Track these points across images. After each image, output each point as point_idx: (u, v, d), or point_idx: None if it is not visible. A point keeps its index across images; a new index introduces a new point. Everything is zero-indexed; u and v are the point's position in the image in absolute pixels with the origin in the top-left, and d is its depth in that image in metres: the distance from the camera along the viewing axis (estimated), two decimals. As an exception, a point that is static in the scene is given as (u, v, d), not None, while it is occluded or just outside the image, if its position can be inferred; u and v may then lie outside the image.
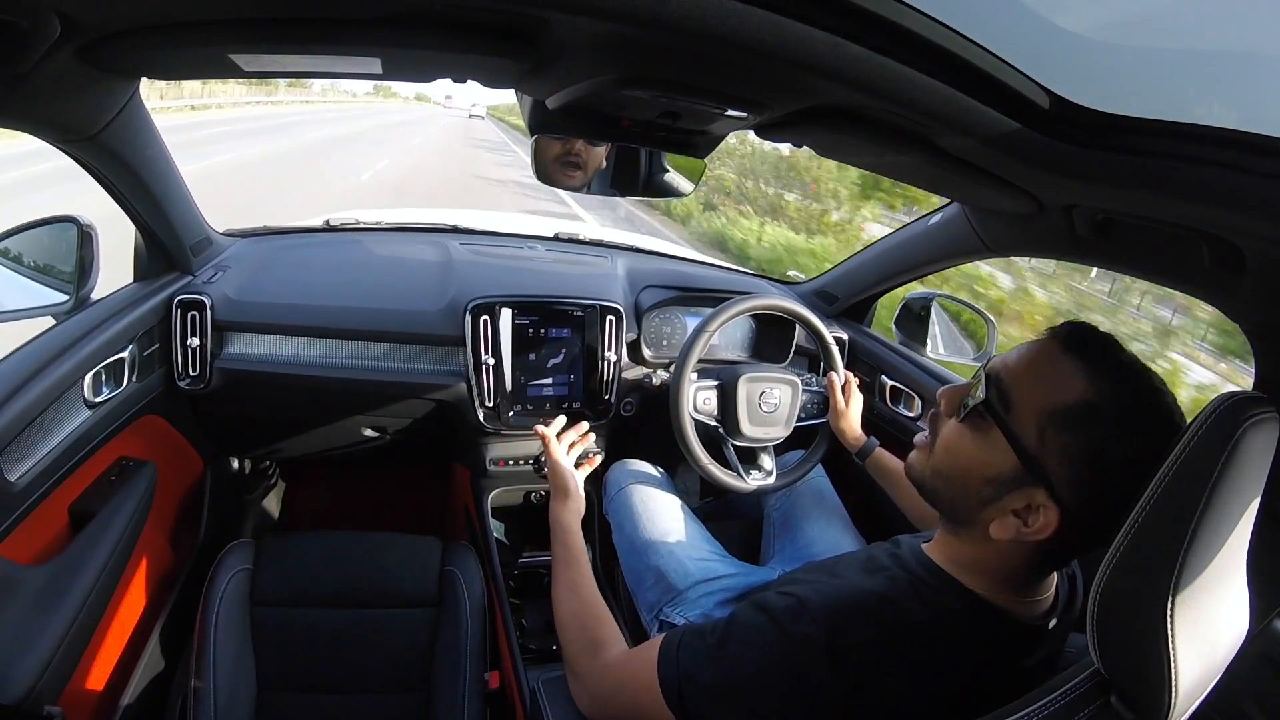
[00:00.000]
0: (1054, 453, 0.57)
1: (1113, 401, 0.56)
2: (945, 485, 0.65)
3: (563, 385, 1.36)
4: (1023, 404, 0.59)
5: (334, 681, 1.11)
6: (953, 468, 0.64)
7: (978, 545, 0.63)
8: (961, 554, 0.65)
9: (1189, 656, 0.47)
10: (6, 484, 0.83)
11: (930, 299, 1.48)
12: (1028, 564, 0.62)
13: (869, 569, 0.71)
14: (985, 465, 0.60)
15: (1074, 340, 0.60)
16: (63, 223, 1.04)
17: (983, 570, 0.64)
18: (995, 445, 0.60)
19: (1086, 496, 0.56)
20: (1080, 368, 0.57)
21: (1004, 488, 0.59)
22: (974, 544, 0.64)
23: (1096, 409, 0.56)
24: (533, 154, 0.91)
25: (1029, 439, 0.58)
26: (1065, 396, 0.57)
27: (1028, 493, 0.58)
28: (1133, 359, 0.59)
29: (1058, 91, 0.59)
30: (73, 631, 0.91)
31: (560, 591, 0.88)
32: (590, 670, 0.78)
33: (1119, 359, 0.58)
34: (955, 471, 0.63)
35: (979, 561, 0.64)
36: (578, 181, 0.97)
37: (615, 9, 0.47)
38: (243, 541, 1.20)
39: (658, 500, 1.18)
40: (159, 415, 1.21)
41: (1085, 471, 0.56)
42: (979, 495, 0.61)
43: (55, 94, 0.72)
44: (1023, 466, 0.58)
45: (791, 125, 0.73)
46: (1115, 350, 0.59)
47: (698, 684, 0.65)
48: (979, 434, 0.61)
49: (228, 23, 0.58)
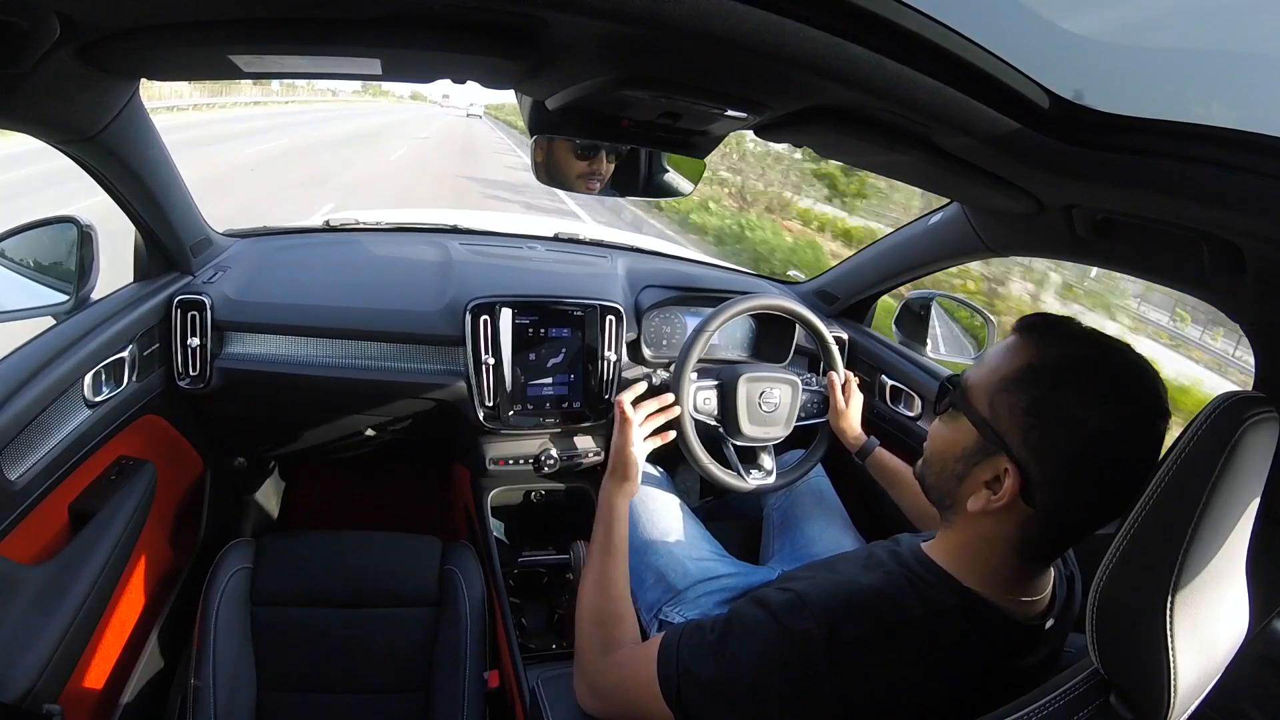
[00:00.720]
0: (1004, 417, 0.61)
1: (1053, 359, 0.60)
2: (929, 472, 0.70)
3: (563, 385, 1.36)
4: (977, 384, 0.64)
5: (334, 681, 1.11)
6: (932, 453, 0.70)
7: (965, 529, 0.65)
8: (956, 547, 0.66)
9: (1188, 656, 0.47)
10: (6, 483, 0.83)
11: (930, 299, 1.48)
12: (1013, 549, 0.62)
13: (868, 566, 0.71)
14: (954, 444, 0.65)
15: (1027, 324, 0.64)
16: (63, 223, 1.04)
17: (976, 565, 0.64)
18: (960, 425, 0.65)
19: (1039, 450, 0.59)
20: (1028, 341, 0.62)
21: (971, 460, 0.63)
22: (962, 531, 0.66)
23: (1037, 368, 0.60)
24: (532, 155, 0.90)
25: (982, 410, 0.63)
26: (1012, 365, 0.62)
27: (993, 463, 0.61)
28: (1084, 328, 0.62)
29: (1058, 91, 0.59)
30: (72, 630, 0.91)
31: (589, 581, 0.86)
32: (596, 665, 0.79)
33: (1067, 328, 0.62)
34: (934, 456, 0.69)
35: (970, 552, 0.65)
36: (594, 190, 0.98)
37: (615, 9, 0.47)
38: (242, 541, 1.20)
39: (658, 500, 1.18)
40: (159, 415, 1.21)
41: (1033, 423, 0.59)
42: (953, 472, 0.65)
43: (55, 94, 0.72)
44: (981, 437, 0.62)
45: (791, 125, 0.73)
46: (1067, 323, 0.63)
47: (697, 680, 0.66)
48: (950, 421, 0.67)
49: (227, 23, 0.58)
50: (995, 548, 0.63)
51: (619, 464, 0.96)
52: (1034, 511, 0.60)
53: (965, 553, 0.65)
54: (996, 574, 0.64)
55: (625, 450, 0.97)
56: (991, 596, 0.63)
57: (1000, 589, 0.64)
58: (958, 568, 0.65)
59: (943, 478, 0.67)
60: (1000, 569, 0.63)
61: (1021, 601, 0.64)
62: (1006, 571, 0.63)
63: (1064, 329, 0.62)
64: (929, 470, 0.70)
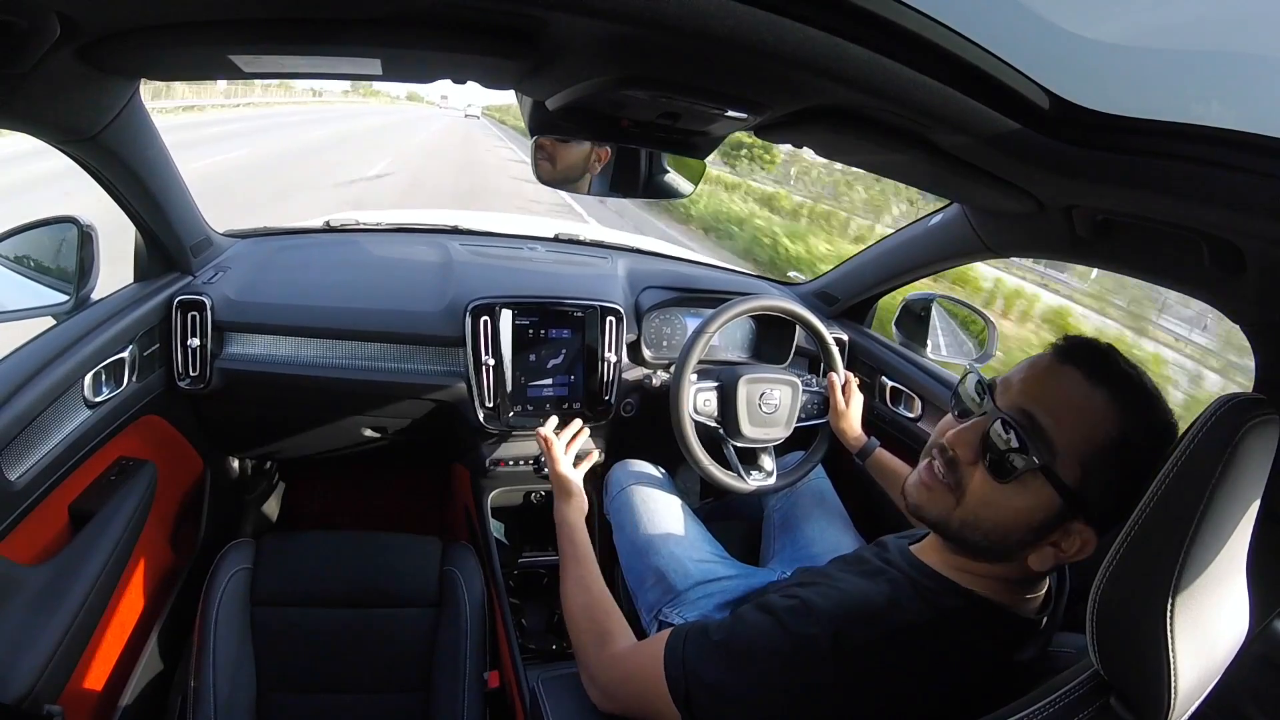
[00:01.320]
0: (1096, 488, 0.57)
1: (1142, 432, 0.57)
2: (981, 536, 0.62)
3: (563, 386, 1.36)
4: (1065, 446, 0.58)
5: (334, 681, 1.11)
6: (993, 521, 0.61)
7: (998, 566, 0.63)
8: (968, 565, 0.65)
9: (1189, 657, 0.47)
10: (6, 483, 0.83)
11: (930, 299, 1.48)
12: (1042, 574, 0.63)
13: (866, 571, 0.71)
14: (1030, 514, 0.59)
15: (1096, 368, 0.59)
16: (63, 223, 1.04)
17: (988, 576, 0.64)
18: (1038, 492, 0.58)
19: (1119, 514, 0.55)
20: (1111, 400, 0.57)
21: (1045, 529, 0.59)
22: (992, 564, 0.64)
23: (1131, 443, 0.57)
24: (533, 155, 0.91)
25: (1072, 479, 0.57)
26: (1103, 433, 0.57)
27: (1070, 528, 0.59)
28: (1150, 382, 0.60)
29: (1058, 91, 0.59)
30: (72, 631, 0.91)
31: (569, 587, 0.89)
32: (599, 661, 0.79)
33: (1141, 385, 0.59)
34: (995, 524, 0.61)
35: (989, 572, 0.64)
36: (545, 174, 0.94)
37: (615, 9, 0.47)
38: (242, 541, 1.20)
39: (658, 501, 1.18)
40: (159, 415, 1.21)
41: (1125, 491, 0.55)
42: (1020, 541, 0.60)
43: (55, 94, 0.72)
44: (1063, 504, 0.58)
45: (791, 126, 0.73)
46: (1136, 375, 0.60)
47: (703, 682, 0.66)
48: (1019, 483, 0.59)
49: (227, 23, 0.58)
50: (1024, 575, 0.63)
51: (559, 487, 1.04)
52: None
53: (979, 571, 0.65)
54: (1002, 580, 0.64)
55: (556, 474, 1.05)
56: (995, 596, 0.63)
57: (1001, 591, 0.64)
58: (960, 575, 0.65)
59: (1004, 543, 0.61)
60: (1012, 577, 0.64)
61: (1023, 598, 0.64)
62: (1015, 577, 0.64)
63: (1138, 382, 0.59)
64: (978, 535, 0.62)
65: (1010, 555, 0.61)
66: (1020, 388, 0.61)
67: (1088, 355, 0.60)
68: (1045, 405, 0.59)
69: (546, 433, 1.11)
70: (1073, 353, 0.61)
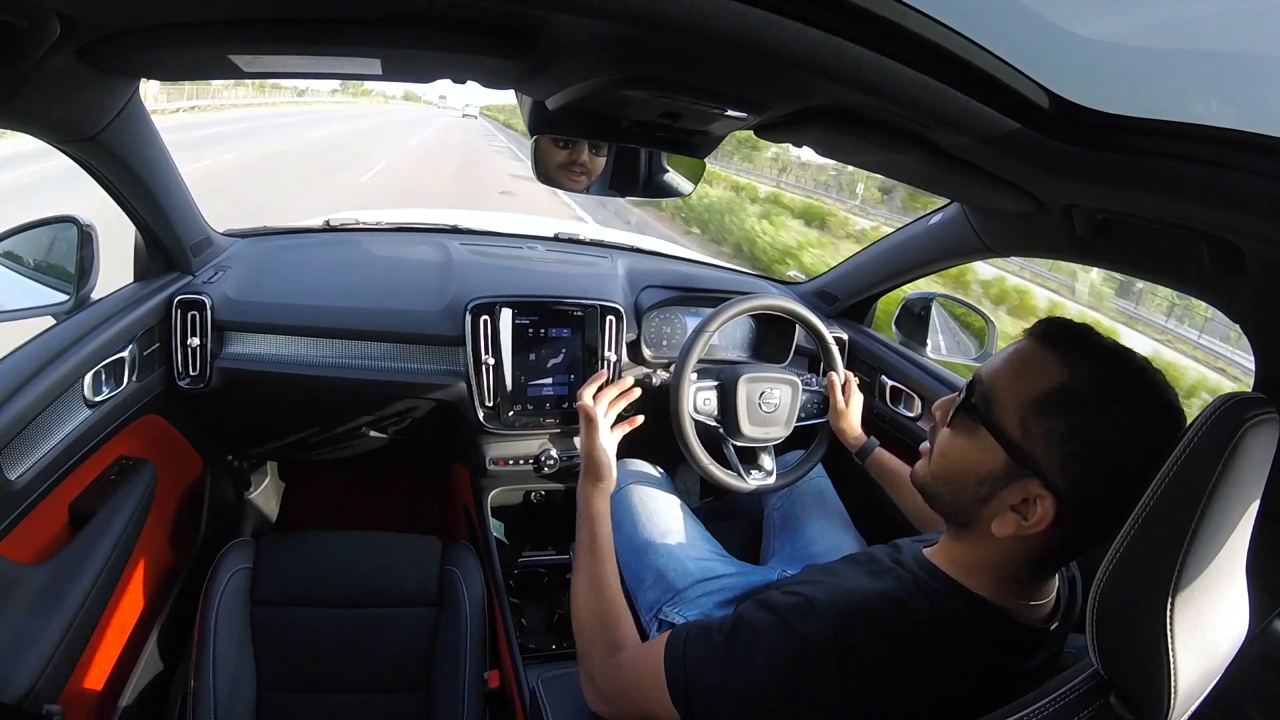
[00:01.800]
0: (1039, 440, 0.58)
1: (1089, 382, 0.57)
2: (944, 489, 0.66)
3: (563, 385, 1.36)
4: (1004, 400, 0.60)
5: (334, 681, 1.11)
6: (949, 471, 0.65)
7: (982, 546, 0.63)
8: (965, 557, 0.65)
9: (1189, 657, 0.47)
10: (6, 483, 0.83)
11: (930, 299, 1.48)
12: (1031, 562, 0.62)
13: (873, 570, 0.71)
14: (977, 464, 0.62)
15: (1049, 333, 0.61)
16: (63, 223, 1.04)
17: (986, 572, 0.64)
18: (984, 444, 0.61)
19: (1077, 478, 0.57)
20: (1056, 357, 0.59)
21: (998, 484, 0.60)
22: (978, 545, 0.64)
23: (1073, 390, 0.57)
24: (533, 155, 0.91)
25: (1013, 431, 0.59)
26: (1042, 384, 0.58)
27: (1022, 486, 0.59)
28: (1110, 343, 0.60)
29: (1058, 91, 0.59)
30: (72, 630, 0.91)
31: (581, 586, 0.85)
32: (602, 669, 0.78)
33: (1095, 343, 0.60)
34: (951, 475, 0.65)
35: (983, 563, 0.64)
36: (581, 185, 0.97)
37: (615, 9, 0.47)
38: (242, 541, 1.20)
39: (658, 500, 1.18)
40: (159, 415, 1.21)
41: (1072, 452, 0.56)
42: (975, 494, 0.62)
43: (55, 94, 0.72)
44: (1011, 460, 0.59)
45: (791, 125, 0.73)
46: (1091, 336, 0.61)
47: (705, 683, 0.65)
48: (968, 436, 0.63)
49: (227, 23, 0.58)
50: (1010, 560, 0.62)
51: (591, 465, 0.95)
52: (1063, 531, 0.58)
53: (975, 564, 0.65)
54: (1005, 582, 0.63)
55: (595, 449, 0.96)
56: (998, 601, 0.63)
57: (1007, 595, 0.63)
58: (965, 575, 0.65)
59: (962, 498, 0.63)
60: (1012, 576, 0.63)
61: (1028, 605, 0.64)
62: (1015, 580, 0.63)
63: (1089, 343, 0.60)
64: (942, 487, 0.66)
65: (972, 513, 0.63)
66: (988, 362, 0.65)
67: (1048, 325, 0.63)
68: (995, 366, 0.63)
69: (583, 398, 0.99)
70: (1036, 327, 0.63)
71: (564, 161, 0.94)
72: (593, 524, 0.90)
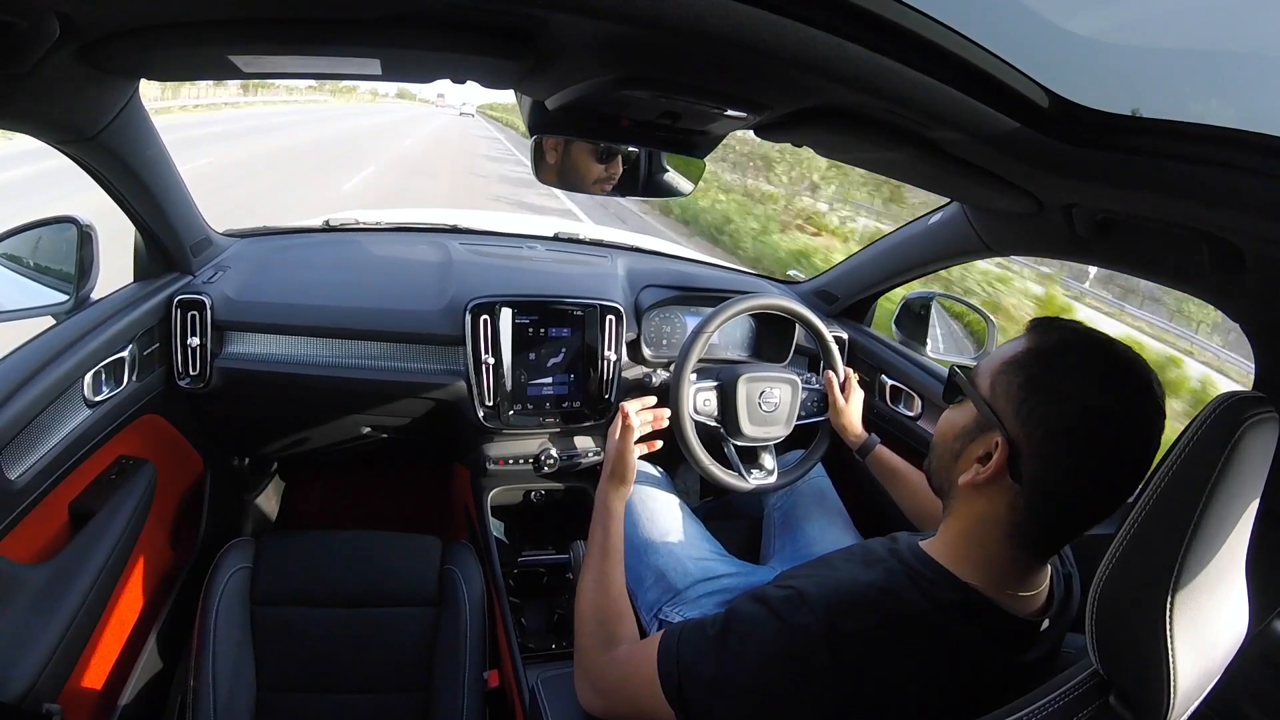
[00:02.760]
0: (1002, 394, 0.63)
1: (1052, 343, 0.63)
2: (934, 457, 0.72)
3: (563, 385, 1.36)
4: (984, 369, 0.67)
5: (334, 681, 1.11)
6: (938, 438, 0.72)
7: (960, 516, 0.66)
8: (953, 537, 0.67)
9: (1188, 657, 0.47)
10: (6, 483, 0.83)
11: (930, 298, 1.49)
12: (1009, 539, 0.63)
13: (867, 562, 0.71)
14: (954, 425, 0.69)
15: (1037, 319, 0.67)
16: (63, 223, 1.04)
17: (973, 556, 0.64)
18: (964, 409, 0.68)
19: (1027, 423, 0.60)
20: (1034, 331, 0.65)
21: (968, 438, 0.66)
22: (958, 516, 0.67)
23: (1038, 350, 0.63)
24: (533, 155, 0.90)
25: (983, 389, 0.65)
26: (1014, 349, 0.65)
27: (986, 439, 0.64)
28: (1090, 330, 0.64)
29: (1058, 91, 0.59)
30: (72, 630, 0.91)
31: (588, 581, 0.87)
32: (598, 664, 0.79)
33: (1073, 324, 0.64)
34: (939, 439, 0.72)
35: (966, 540, 0.65)
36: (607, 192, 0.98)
37: (615, 9, 0.47)
38: (242, 540, 1.20)
39: (658, 500, 1.18)
40: (159, 414, 1.21)
41: (1024, 398, 0.61)
42: (951, 451, 0.68)
43: (55, 94, 0.72)
44: (979, 415, 0.65)
45: (791, 125, 0.73)
46: (1073, 321, 0.65)
47: (698, 677, 0.66)
48: (957, 407, 0.71)
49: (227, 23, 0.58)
50: (988, 532, 0.63)
51: (619, 467, 0.96)
52: (1020, 488, 0.61)
53: (962, 543, 0.65)
54: (993, 566, 0.64)
55: (626, 454, 0.97)
56: (989, 591, 0.63)
57: (997, 583, 0.64)
58: (955, 562, 0.65)
59: (943, 460, 0.69)
60: (996, 559, 0.64)
61: (1018, 597, 0.64)
62: (1003, 562, 0.64)
63: (1069, 323, 0.65)
64: (934, 455, 0.72)
65: (948, 474, 0.68)
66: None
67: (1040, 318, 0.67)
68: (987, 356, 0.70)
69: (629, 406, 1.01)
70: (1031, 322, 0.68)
71: (601, 176, 0.95)
72: (609, 524, 0.91)
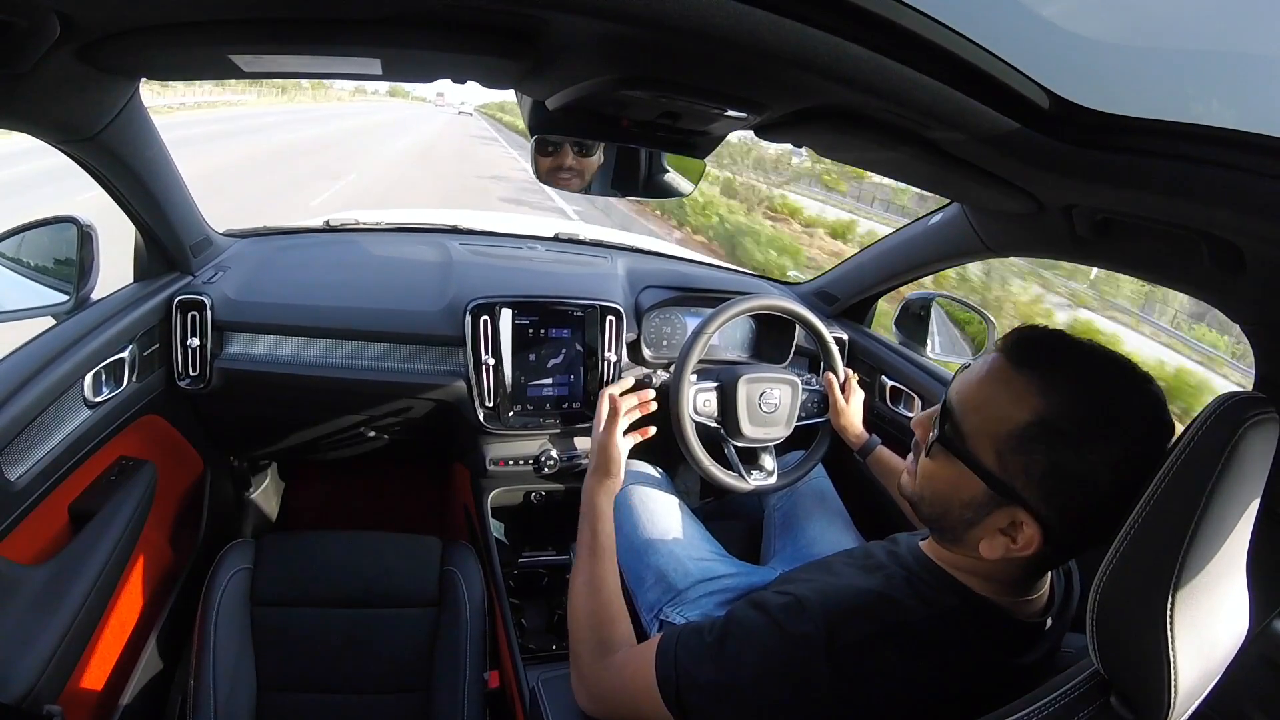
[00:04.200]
0: (1018, 474, 0.57)
1: (1065, 414, 0.55)
2: (929, 509, 0.66)
3: (563, 385, 1.36)
4: (978, 433, 0.59)
5: (334, 681, 1.11)
6: (932, 495, 0.65)
7: (971, 557, 0.64)
8: (957, 559, 0.66)
9: (1189, 657, 0.47)
10: (6, 483, 0.83)
11: (930, 299, 1.49)
12: (1023, 570, 0.63)
13: (867, 567, 0.71)
14: (958, 491, 0.61)
15: (1023, 353, 0.59)
16: (63, 223, 1.04)
17: (979, 570, 0.64)
18: (964, 472, 0.60)
19: (1061, 509, 0.56)
20: (1031, 384, 0.57)
21: (982, 510, 0.60)
22: (968, 556, 0.64)
23: (1050, 424, 0.55)
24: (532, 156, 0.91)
25: (990, 464, 0.58)
26: (1017, 417, 0.57)
27: (1008, 511, 0.58)
28: (1087, 359, 0.58)
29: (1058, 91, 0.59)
30: (72, 630, 0.91)
31: (579, 583, 0.85)
32: (594, 669, 0.78)
33: (1072, 366, 0.57)
34: (935, 498, 0.64)
35: (975, 567, 0.64)
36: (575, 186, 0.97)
37: (615, 9, 0.47)
38: (242, 541, 1.20)
39: (657, 500, 1.18)
40: (159, 415, 1.21)
41: (1053, 486, 0.56)
42: (960, 518, 0.62)
43: (55, 94, 0.72)
44: (990, 489, 0.58)
45: (791, 125, 0.73)
46: (1067, 354, 0.58)
47: (696, 682, 0.65)
48: (947, 463, 0.62)
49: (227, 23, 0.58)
50: (1002, 567, 0.63)
51: (604, 459, 0.94)
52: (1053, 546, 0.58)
53: (969, 566, 0.65)
54: (998, 578, 0.64)
55: (611, 445, 0.95)
56: (991, 595, 0.63)
57: (1000, 591, 0.64)
58: (959, 571, 0.65)
59: (948, 519, 0.63)
60: (1000, 573, 0.64)
61: (1022, 601, 0.64)
62: (1008, 577, 0.64)
63: (1064, 362, 0.58)
64: (927, 508, 0.66)
65: (958, 534, 0.63)
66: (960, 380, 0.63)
67: (1019, 339, 0.60)
68: (961, 392, 0.62)
69: (612, 390, 0.98)
70: (1006, 341, 0.61)
71: (550, 167, 0.94)
72: (595, 522, 0.90)
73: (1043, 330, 0.61)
